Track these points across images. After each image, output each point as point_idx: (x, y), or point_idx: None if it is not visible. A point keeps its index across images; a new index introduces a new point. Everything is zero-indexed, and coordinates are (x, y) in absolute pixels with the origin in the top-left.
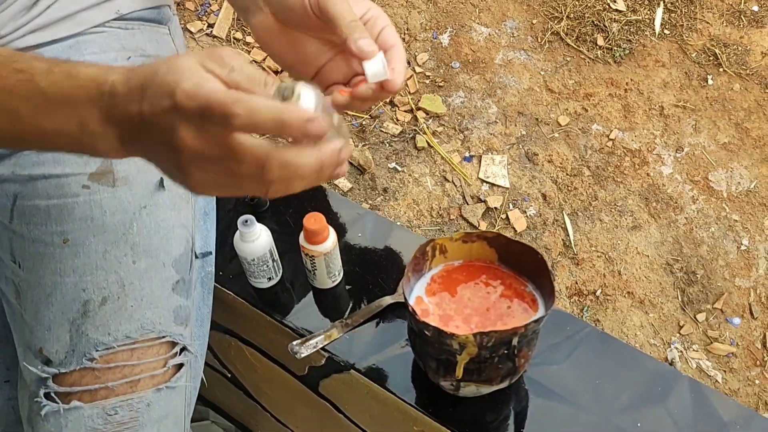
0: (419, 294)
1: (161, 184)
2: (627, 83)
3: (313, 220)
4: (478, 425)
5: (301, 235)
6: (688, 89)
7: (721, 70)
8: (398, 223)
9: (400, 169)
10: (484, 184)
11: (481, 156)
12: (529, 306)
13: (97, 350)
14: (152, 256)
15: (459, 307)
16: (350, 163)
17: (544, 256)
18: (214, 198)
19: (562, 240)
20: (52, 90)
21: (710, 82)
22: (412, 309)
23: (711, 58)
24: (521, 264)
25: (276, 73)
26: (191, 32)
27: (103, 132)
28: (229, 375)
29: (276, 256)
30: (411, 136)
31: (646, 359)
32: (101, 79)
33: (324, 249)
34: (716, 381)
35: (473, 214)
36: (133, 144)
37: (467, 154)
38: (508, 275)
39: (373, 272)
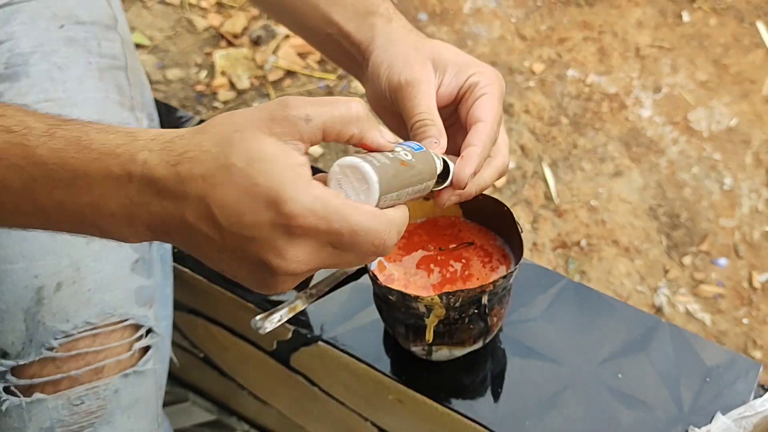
0: (381, 257)
1: None
2: (601, 25)
3: None
4: (455, 389)
5: None
6: (664, 27)
7: (695, 5)
8: None
9: None
10: None
11: None
12: (499, 261)
13: (55, 338)
14: None
15: (425, 268)
16: None
17: (509, 207)
18: None
19: (543, 192)
20: (54, 161)
21: (685, 18)
22: (373, 274)
23: None
24: (487, 218)
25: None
26: (142, 1)
27: (127, 220)
28: (202, 355)
29: None
30: None
31: (624, 308)
32: (127, 156)
33: None
34: (705, 323)
35: None
36: (175, 240)
37: None
38: (474, 230)
39: None
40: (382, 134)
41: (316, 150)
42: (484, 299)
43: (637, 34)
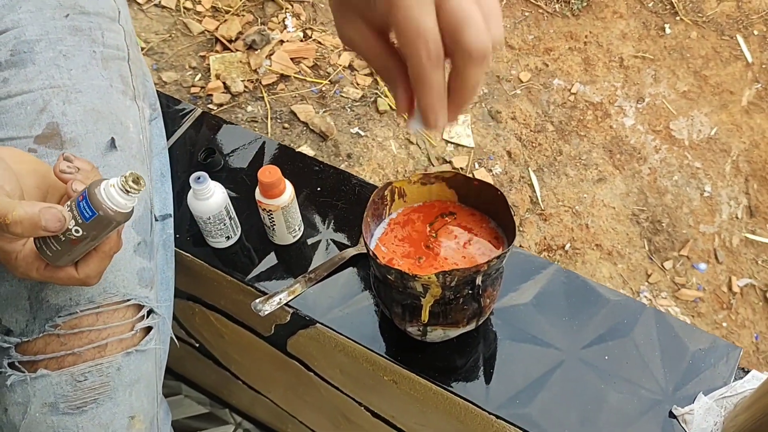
0: (380, 239)
1: (112, 144)
2: (586, 36)
3: (268, 172)
4: (448, 370)
5: (257, 189)
6: (647, 39)
7: (678, 18)
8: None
9: (363, 133)
10: (449, 144)
11: None
12: (493, 244)
13: (59, 316)
14: None
15: (421, 250)
16: (312, 130)
17: (502, 191)
18: (168, 160)
19: (529, 196)
20: None
21: (668, 31)
22: (373, 254)
23: (668, 7)
24: (481, 202)
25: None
26: (139, 4)
27: None
28: (197, 345)
29: (233, 214)
30: (372, 99)
31: (610, 293)
32: None
33: (281, 203)
34: None
35: None
36: None
37: None
38: (468, 214)
39: (335, 225)
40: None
41: (309, 152)
42: (478, 280)
43: (621, 45)
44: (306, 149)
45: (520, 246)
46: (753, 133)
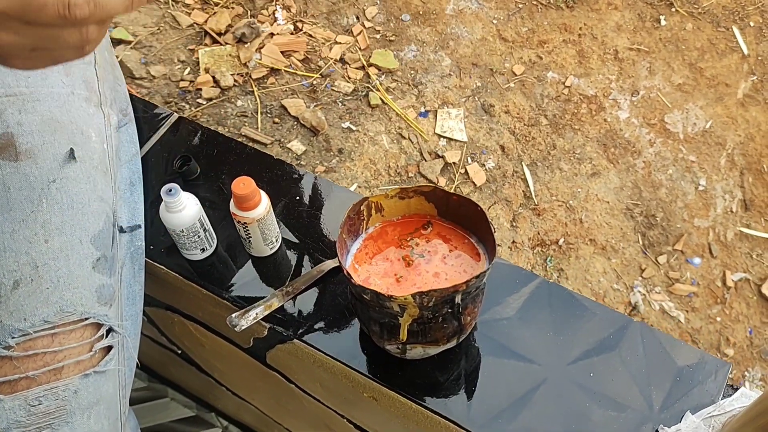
0: (356, 255)
1: (71, 155)
2: (580, 28)
3: (242, 184)
4: (429, 387)
5: (231, 201)
6: (642, 31)
7: (673, 10)
8: (337, 184)
9: (354, 128)
10: (441, 139)
11: (436, 110)
12: (474, 259)
13: (12, 337)
14: (66, 233)
15: (399, 267)
16: (303, 125)
17: (482, 207)
18: (140, 168)
19: (523, 191)
20: None
21: (663, 22)
22: (348, 273)
23: None
24: (461, 217)
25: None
26: None
27: None
28: (179, 351)
29: (208, 226)
30: (364, 93)
31: (597, 307)
32: None
33: (256, 215)
34: (679, 321)
35: (431, 171)
36: None
37: (422, 110)
38: (448, 229)
39: (314, 236)
40: None
41: (299, 147)
42: (458, 299)
43: (616, 37)
44: (297, 144)
45: (513, 242)
46: (748, 126)
